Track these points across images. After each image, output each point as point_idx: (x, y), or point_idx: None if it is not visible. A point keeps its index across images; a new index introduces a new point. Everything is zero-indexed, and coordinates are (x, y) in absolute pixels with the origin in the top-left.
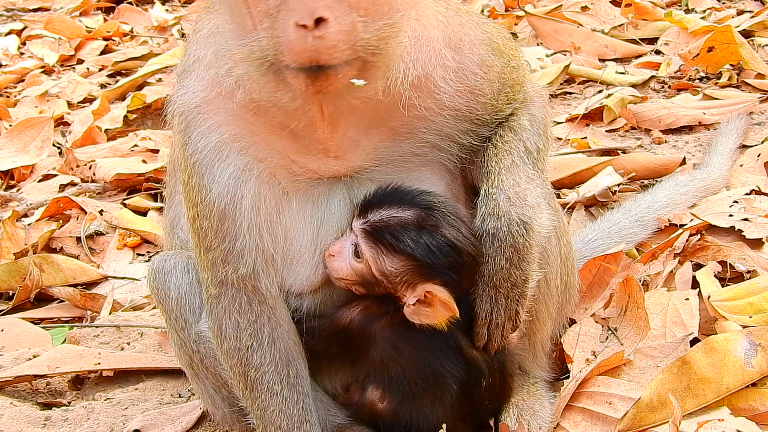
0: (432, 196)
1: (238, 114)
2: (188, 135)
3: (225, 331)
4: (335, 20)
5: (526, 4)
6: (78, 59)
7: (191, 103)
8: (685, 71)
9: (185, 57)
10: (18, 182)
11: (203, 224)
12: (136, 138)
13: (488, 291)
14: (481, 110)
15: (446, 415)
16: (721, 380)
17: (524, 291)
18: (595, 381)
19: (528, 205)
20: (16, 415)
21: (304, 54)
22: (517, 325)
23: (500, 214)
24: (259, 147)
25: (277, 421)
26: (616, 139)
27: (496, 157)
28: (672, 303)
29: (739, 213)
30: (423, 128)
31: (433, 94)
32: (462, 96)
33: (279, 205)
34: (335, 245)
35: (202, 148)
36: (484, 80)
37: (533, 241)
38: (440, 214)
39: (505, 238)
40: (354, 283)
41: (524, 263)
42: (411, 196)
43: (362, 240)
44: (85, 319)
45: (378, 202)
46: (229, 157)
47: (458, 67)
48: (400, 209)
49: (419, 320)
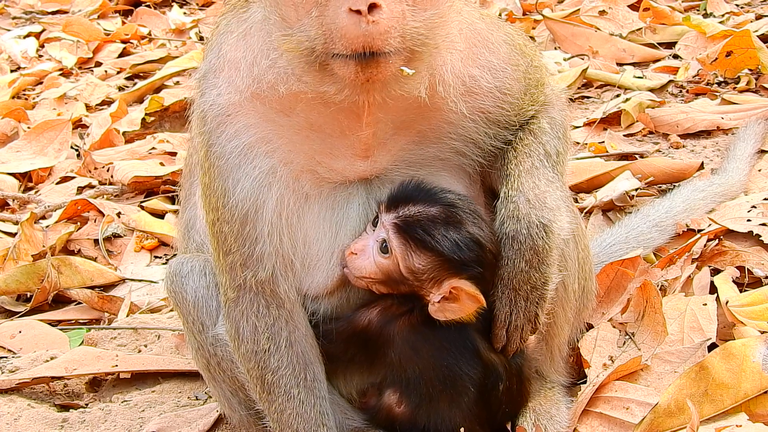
0: (453, 194)
1: (268, 116)
2: (215, 137)
3: (242, 334)
4: (387, 6)
5: (543, 8)
6: (96, 62)
7: (220, 105)
8: (703, 76)
9: (213, 58)
10: (36, 184)
11: (223, 228)
12: (154, 141)
13: (507, 293)
14: (508, 111)
15: (463, 419)
16: (739, 386)
17: (544, 293)
18: (613, 386)
19: (548, 208)
20: (34, 416)
21: (357, 40)
22: (537, 327)
23: (520, 216)
24: (285, 150)
25: (294, 424)
26: (634, 144)
27: (516, 159)
28: (690, 308)
29: (757, 218)
30: (450, 133)
31: (468, 93)
32: (492, 96)
33: (300, 209)
34: (357, 243)
35: (230, 151)
36: (512, 79)
37: (553, 243)
38: (463, 211)
39: (525, 241)
40: (376, 282)
41: (544, 266)
42: (435, 192)
43: (393, 235)
44: (103, 321)
45: (406, 197)
46: (255, 161)
47: (490, 65)
48: (427, 205)
49: (444, 317)
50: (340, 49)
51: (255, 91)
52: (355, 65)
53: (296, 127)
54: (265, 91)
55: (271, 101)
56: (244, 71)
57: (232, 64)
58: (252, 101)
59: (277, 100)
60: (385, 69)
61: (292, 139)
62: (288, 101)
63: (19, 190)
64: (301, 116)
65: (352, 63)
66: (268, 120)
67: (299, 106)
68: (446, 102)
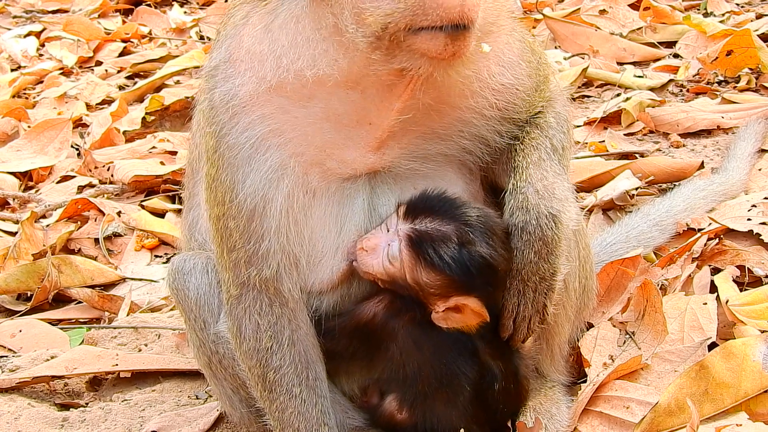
0: (471, 209)
1: (284, 107)
2: (229, 128)
3: (245, 332)
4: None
5: (544, 7)
6: (96, 61)
7: (238, 95)
8: (703, 75)
9: (229, 48)
10: (36, 183)
11: (229, 223)
12: (155, 140)
13: (516, 284)
14: (521, 108)
15: (460, 418)
16: (739, 385)
17: (552, 284)
18: (613, 385)
19: (556, 198)
20: (34, 415)
21: (454, 10)
22: (545, 317)
23: (529, 207)
24: (297, 142)
25: (296, 423)
26: (635, 143)
27: (523, 152)
28: (690, 307)
29: (757, 217)
30: (461, 131)
31: (488, 89)
32: (509, 93)
33: (307, 206)
34: (369, 240)
35: (243, 142)
36: (526, 75)
37: (561, 234)
38: (479, 231)
39: (534, 231)
40: (383, 281)
41: (552, 256)
42: (454, 207)
43: (405, 246)
44: (103, 320)
45: (426, 207)
46: (266, 153)
47: (509, 62)
48: (444, 222)
49: (446, 324)
50: (433, 20)
51: (279, 81)
52: (444, 38)
53: (312, 117)
54: (290, 81)
55: (291, 91)
56: (270, 62)
57: (254, 56)
58: (270, 92)
59: (299, 88)
60: (469, 43)
61: (305, 131)
62: (310, 89)
63: (19, 189)
64: (319, 106)
65: (442, 36)
66: (283, 111)
67: (320, 94)
68: (470, 98)
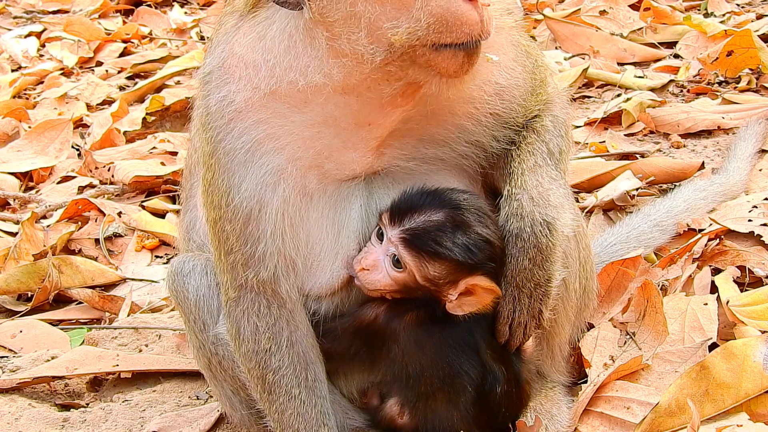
0: (457, 194)
1: (280, 112)
2: (225, 134)
3: (243, 334)
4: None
5: (544, 7)
6: (97, 61)
7: (232, 101)
8: (704, 75)
9: (221, 56)
10: (37, 184)
11: (225, 227)
12: (155, 140)
13: (511, 290)
14: (518, 112)
15: (461, 419)
16: (739, 385)
17: (548, 290)
18: (613, 386)
19: (551, 205)
20: (35, 416)
21: (476, 26)
22: (541, 323)
23: (524, 214)
24: (294, 146)
25: (295, 424)
26: (635, 143)
27: (519, 158)
28: (690, 308)
29: (758, 218)
30: (459, 136)
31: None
32: (505, 98)
33: (304, 209)
34: (366, 258)
35: (239, 147)
36: (522, 80)
37: (556, 241)
38: (469, 212)
39: (529, 239)
40: (392, 292)
41: (547, 263)
42: (439, 196)
43: (403, 249)
44: (104, 320)
45: (410, 206)
46: (262, 158)
47: (504, 67)
48: (433, 212)
49: (463, 311)
50: (456, 37)
51: (273, 88)
52: (464, 55)
53: (308, 122)
54: (284, 88)
55: (287, 96)
56: (264, 71)
57: (248, 64)
58: (266, 98)
59: (294, 94)
60: (479, 57)
61: (302, 135)
62: (305, 95)
63: (20, 190)
64: (315, 110)
65: (461, 53)
66: (279, 116)
67: (317, 99)
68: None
